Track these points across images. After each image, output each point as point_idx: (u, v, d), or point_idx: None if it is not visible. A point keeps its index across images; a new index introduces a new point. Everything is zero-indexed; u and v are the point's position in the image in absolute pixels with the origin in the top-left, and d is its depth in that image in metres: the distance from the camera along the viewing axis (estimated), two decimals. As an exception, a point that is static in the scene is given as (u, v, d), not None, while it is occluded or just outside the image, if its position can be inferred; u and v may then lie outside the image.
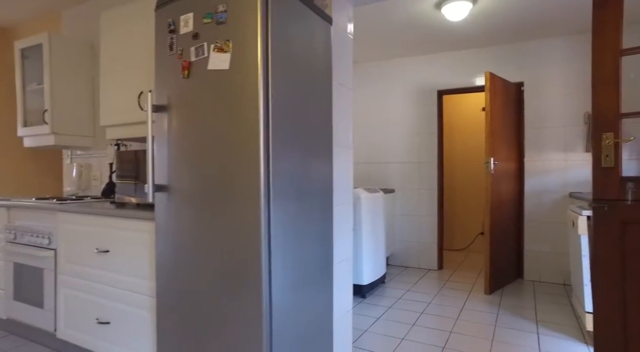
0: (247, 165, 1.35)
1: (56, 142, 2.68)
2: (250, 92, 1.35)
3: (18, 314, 2.31)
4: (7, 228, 2.37)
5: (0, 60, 3.50)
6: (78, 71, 2.80)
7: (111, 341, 1.88)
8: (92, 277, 1.96)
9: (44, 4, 2.98)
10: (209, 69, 1.44)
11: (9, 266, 2.36)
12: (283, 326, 1.42)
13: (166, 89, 1.58)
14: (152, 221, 1.71)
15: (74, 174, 2.92)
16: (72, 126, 2.75)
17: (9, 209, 2.41)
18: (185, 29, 1.52)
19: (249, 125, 1.35)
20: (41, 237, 2.18)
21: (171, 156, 1.55)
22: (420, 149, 4.26)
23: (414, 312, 2.82)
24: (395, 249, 4.36)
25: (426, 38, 3.69)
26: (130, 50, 2.18)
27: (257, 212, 1.33)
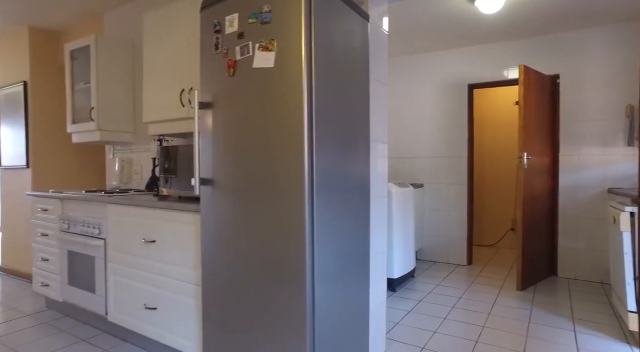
0: (292, 160, 1.41)
1: (101, 139, 2.83)
2: (294, 89, 1.40)
3: (72, 298, 2.48)
4: (62, 219, 2.54)
5: (52, 62, 3.70)
6: (120, 71, 2.94)
7: (158, 326, 2.00)
8: (139, 265, 2.08)
9: (88, 7, 3.13)
10: (255, 67, 1.51)
11: (64, 254, 2.52)
12: (324, 316, 1.47)
13: (211, 87, 1.65)
14: (196, 213, 1.80)
15: (117, 169, 3.08)
16: (115, 123, 2.90)
17: (63, 201, 2.57)
18: (230, 29, 1.59)
19: (294, 121, 1.40)
20: (92, 228, 2.33)
21: (216, 151, 1.63)
22: (450, 144, 4.22)
23: (445, 307, 2.83)
24: (424, 244, 4.36)
25: (458, 32, 3.64)
26: (172, 50, 2.28)
27: (301, 206, 1.39)
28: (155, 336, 2.02)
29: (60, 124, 3.75)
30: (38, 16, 3.31)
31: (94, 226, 2.32)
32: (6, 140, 3.83)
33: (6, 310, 2.83)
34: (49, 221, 2.68)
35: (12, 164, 3.76)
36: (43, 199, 2.72)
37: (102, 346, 2.23)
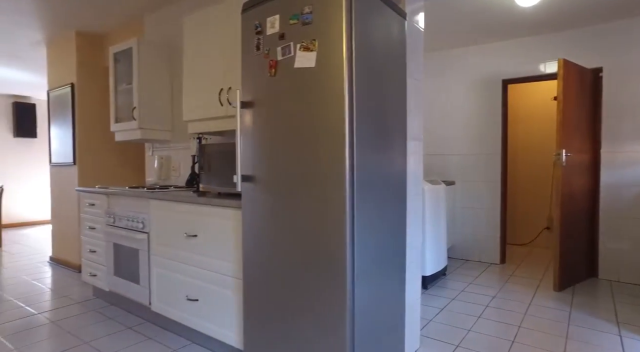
0: (333, 158, 1.44)
1: (142, 136, 2.96)
2: (335, 88, 1.43)
3: (118, 288, 2.62)
4: (107, 213, 2.68)
5: (96, 64, 3.88)
6: (159, 71, 3.06)
7: (200, 316, 2.09)
8: (181, 258, 2.18)
9: (129, 12, 3.26)
10: (296, 67, 1.54)
11: (110, 246, 2.67)
12: (363, 310, 1.50)
13: (252, 86, 1.70)
14: (237, 209, 1.86)
15: (155, 165, 3.21)
16: (155, 121, 3.02)
17: (108, 197, 2.72)
18: (271, 30, 1.63)
19: (335, 119, 1.43)
20: (136, 222, 2.45)
21: (257, 149, 1.68)
22: (482, 140, 4.14)
23: (479, 305, 2.80)
24: (455, 241, 4.30)
25: (492, 26, 3.56)
26: (211, 51, 2.36)
27: (342, 203, 1.42)
28: (197, 326, 2.11)
29: (102, 123, 3.94)
30: (84, 21, 3.48)
31: (138, 220, 2.44)
32: (55, 139, 4.06)
33: (59, 297, 3.02)
34: (95, 215, 2.83)
35: (61, 161, 3.98)
36: (90, 194, 2.88)
37: (146, 333, 2.35)
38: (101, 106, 3.93)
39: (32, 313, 2.70)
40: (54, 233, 4.17)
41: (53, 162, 4.12)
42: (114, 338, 2.29)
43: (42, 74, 5.22)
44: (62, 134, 3.95)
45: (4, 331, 2.42)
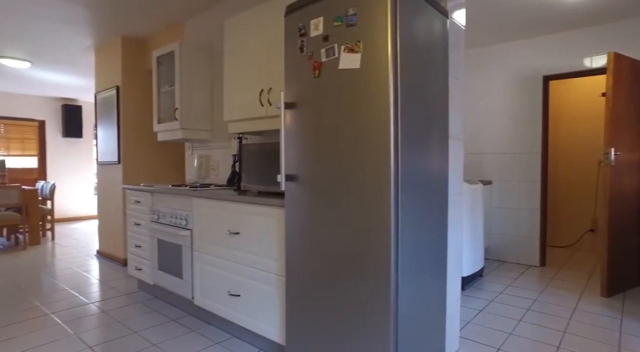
0: (378, 158, 1.45)
1: (184, 136, 3.07)
2: (380, 89, 1.44)
3: (161, 282, 2.75)
4: (152, 210, 2.81)
5: (139, 67, 4.06)
6: (200, 73, 3.16)
7: (241, 311, 2.16)
8: (223, 255, 2.25)
9: (171, 16, 3.39)
10: (340, 68, 1.56)
11: (154, 242, 2.80)
12: (406, 311, 1.51)
13: (295, 87, 1.74)
14: (279, 207, 1.91)
15: (195, 164, 3.32)
16: (195, 122, 3.13)
17: (153, 194, 2.84)
18: (315, 32, 1.66)
19: (379, 120, 1.44)
20: (179, 219, 2.55)
21: (300, 148, 1.72)
22: (521, 139, 4.01)
23: (519, 308, 2.73)
24: (492, 242, 4.20)
25: (533, 20, 3.44)
26: (251, 53, 2.41)
27: (387, 202, 1.43)
28: (238, 321, 2.17)
29: (145, 123, 4.12)
30: (129, 28, 3.64)
31: (181, 217, 2.54)
32: (101, 139, 4.28)
33: (107, 288, 3.20)
34: (140, 211, 2.97)
35: (106, 159, 4.20)
36: (136, 192, 3.02)
37: (190, 326, 2.45)
38: (144, 107, 4.11)
39: (85, 302, 2.87)
40: (100, 228, 4.40)
41: (99, 161, 4.34)
42: (160, 329, 2.40)
43: (89, 77, 5.50)
44: (107, 134, 4.15)
45: (64, 317, 2.59)
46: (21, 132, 6.93)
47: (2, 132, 6.73)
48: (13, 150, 6.85)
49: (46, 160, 7.13)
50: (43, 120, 7.10)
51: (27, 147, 7.00)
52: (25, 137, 6.98)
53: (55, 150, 7.20)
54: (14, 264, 4.07)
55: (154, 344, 2.21)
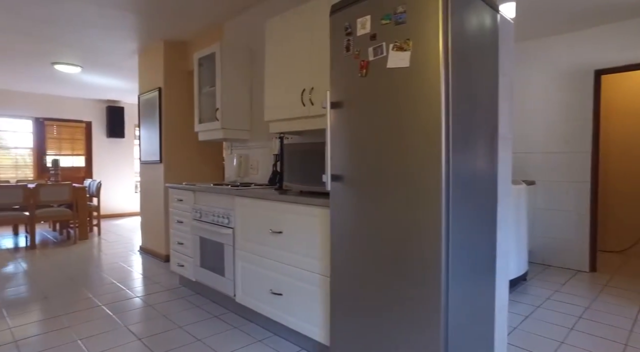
0: (428, 158, 1.41)
1: (224, 136, 3.13)
2: (431, 87, 1.40)
3: (203, 279, 2.82)
4: (194, 208, 2.88)
5: (180, 69, 4.18)
6: (240, 74, 3.21)
7: (284, 310, 2.17)
8: (266, 253, 2.28)
9: (211, 19, 3.47)
10: (389, 67, 1.54)
11: (196, 239, 2.87)
12: (456, 316, 1.46)
13: (341, 87, 1.73)
14: (324, 207, 1.91)
15: (235, 164, 3.38)
16: (235, 122, 3.19)
17: (195, 193, 2.92)
18: (362, 31, 1.64)
19: (430, 120, 1.41)
20: (221, 217, 2.61)
21: (346, 148, 1.70)
22: (568, 137, 3.81)
23: (570, 316, 2.59)
24: (535, 245, 4.02)
25: (584, 11, 3.25)
26: (293, 52, 2.42)
27: (437, 204, 1.39)
28: (280, 319, 2.19)
29: (185, 124, 4.24)
30: (170, 31, 3.76)
31: (223, 216, 2.59)
32: (144, 139, 4.45)
33: (151, 283, 3.33)
34: (183, 209, 3.06)
35: (148, 159, 4.36)
36: (179, 190, 3.11)
37: (231, 323, 2.50)
38: (184, 108, 4.24)
39: (132, 296, 2.99)
40: (143, 225, 4.58)
41: (142, 160, 4.52)
42: (202, 325, 2.46)
43: (132, 80, 5.74)
44: (150, 134, 4.31)
45: (113, 309, 2.72)
46: (71, 133, 7.33)
47: (55, 134, 7.15)
48: (64, 150, 7.27)
49: (92, 159, 7.50)
50: (90, 122, 7.47)
51: (76, 147, 7.40)
52: (75, 137, 7.38)
53: (100, 150, 7.57)
54: (66, 257, 4.32)
55: (199, 339, 2.27)
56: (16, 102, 6.68)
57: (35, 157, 6.95)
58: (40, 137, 6.97)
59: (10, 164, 6.77)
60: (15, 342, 2.24)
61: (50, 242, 5.17)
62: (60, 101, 7.11)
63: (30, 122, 6.90)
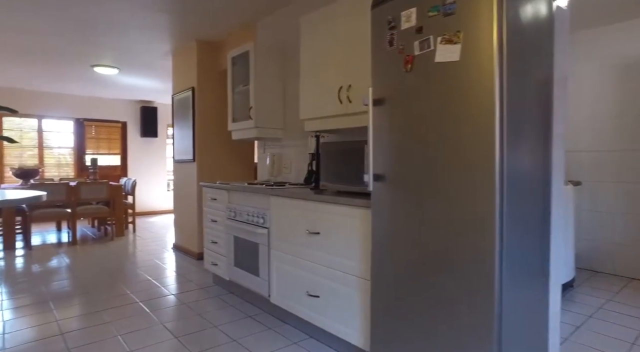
0: (480, 157, 1.32)
1: (258, 135, 3.12)
2: (484, 82, 1.31)
3: (237, 278, 2.81)
4: (228, 207, 2.88)
5: (212, 69, 4.22)
6: (273, 72, 3.19)
7: (320, 313, 2.13)
8: (302, 254, 2.23)
9: (244, 18, 3.47)
10: (436, 61, 1.45)
11: (230, 239, 2.87)
12: (510, 321, 1.36)
13: (384, 83, 1.65)
14: (364, 208, 1.84)
15: (268, 163, 3.37)
16: (269, 120, 3.17)
17: (229, 192, 2.92)
18: (407, 24, 1.56)
19: (483, 117, 1.32)
20: (256, 217, 2.59)
21: (389, 147, 1.63)
22: (620, 135, 3.56)
23: (629, 329, 2.41)
24: (581, 249, 3.79)
25: (642, -2, 3.02)
26: (329, 49, 2.37)
27: (491, 205, 1.30)
28: (317, 322, 2.15)
29: (217, 123, 4.28)
30: (203, 30, 3.80)
31: (258, 215, 2.57)
32: (178, 138, 4.52)
33: (185, 281, 3.37)
34: (217, 208, 3.07)
35: (182, 158, 4.43)
36: (213, 189, 3.13)
37: (266, 323, 2.47)
38: (217, 107, 4.27)
39: (166, 293, 3.03)
40: (176, 223, 4.66)
41: (175, 159, 4.60)
42: (237, 325, 2.45)
43: (165, 80, 5.86)
44: (183, 133, 4.38)
45: (150, 306, 2.76)
46: (108, 132, 7.60)
47: (93, 134, 7.43)
48: (101, 149, 7.54)
49: (127, 158, 7.74)
50: (125, 122, 7.71)
51: (112, 146, 7.66)
52: (111, 137, 7.64)
53: (134, 149, 7.80)
54: (104, 253, 4.45)
55: (234, 339, 2.26)
56: (59, 104, 6.98)
57: (76, 156, 7.25)
58: (80, 137, 7.25)
59: (53, 163, 7.08)
60: (62, 335, 2.31)
61: (90, 238, 5.36)
62: (98, 102, 7.37)
63: (71, 123, 7.20)
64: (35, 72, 5.40)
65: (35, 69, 5.23)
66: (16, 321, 2.53)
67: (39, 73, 5.45)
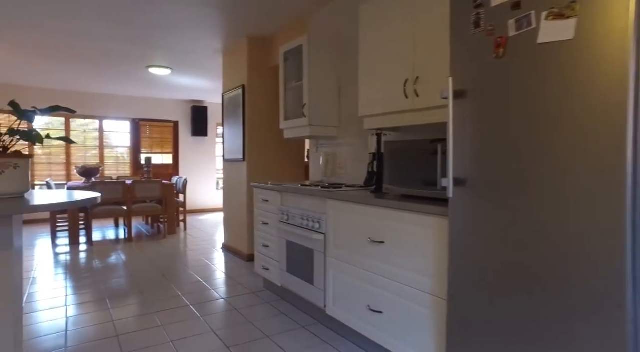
0: (602, 156, 1.05)
1: (311, 133, 2.96)
2: (612, 67, 1.04)
3: (290, 285, 2.67)
4: (281, 210, 2.75)
5: (263, 65, 4.13)
6: (327, 66, 3.01)
7: (383, 330, 1.92)
8: (363, 265, 2.04)
9: (296, 11, 3.32)
10: (540, 42, 1.19)
11: (282, 243, 2.74)
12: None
13: (466, 72, 1.41)
14: (438, 216, 1.61)
15: (321, 162, 3.20)
16: (323, 118, 3.00)
17: (282, 193, 2.79)
18: (498, 0, 1.31)
19: (609, 106, 1.04)
20: (312, 221, 2.42)
21: (473, 147, 1.39)
22: None
23: None
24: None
25: None
26: (392, 39, 2.14)
27: (619, 212, 1.02)
28: (379, 340, 1.94)
29: (268, 121, 4.19)
30: (254, 26, 3.70)
31: (314, 220, 2.40)
32: (228, 137, 4.50)
33: (235, 284, 3.29)
34: (268, 210, 2.95)
35: (232, 157, 4.39)
36: (264, 190, 3.01)
37: (321, 336, 2.30)
38: (267, 105, 4.18)
39: (217, 297, 2.96)
40: (226, 223, 4.64)
41: (225, 158, 4.57)
42: (290, 336, 2.31)
43: (215, 80, 5.90)
44: (233, 132, 4.33)
45: (201, 310, 2.70)
46: (161, 132, 7.85)
47: (147, 133, 7.72)
48: (155, 149, 7.81)
49: (179, 157, 7.96)
50: (177, 121, 7.93)
51: (165, 145, 7.91)
52: (164, 136, 7.89)
53: (185, 148, 8.00)
54: (157, 251, 4.53)
55: (288, 352, 2.12)
56: (118, 105, 7.30)
57: (132, 155, 7.55)
58: (136, 136, 7.55)
59: (112, 162, 7.43)
60: (117, 337, 2.29)
61: (144, 236, 5.52)
62: (152, 103, 7.63)
63: (128, 123, 7.51)
64: (98, 74, 5.64)
65: (98, 71, 5.46)
66: (78, 318, 2.56)
67: (101, 75, 5.68)
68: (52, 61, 4.92)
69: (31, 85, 6.51)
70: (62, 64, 5.04)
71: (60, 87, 6.62)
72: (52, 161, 6.91)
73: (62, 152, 6.97)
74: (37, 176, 6.76)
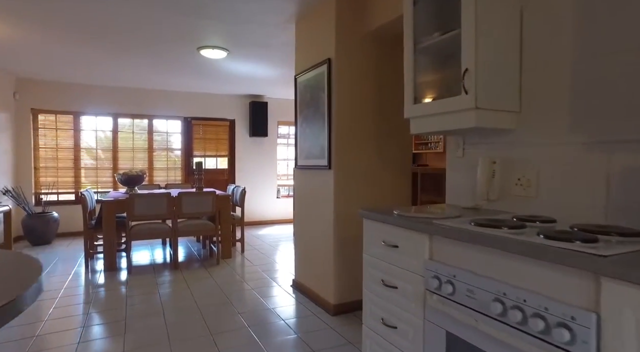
0: None
1: (478, 123, 1.64)
2: None
3: None
4: (430, 270, 1.40)
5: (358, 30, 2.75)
6: (500, 14, 1.64)
7: None
8: None
9: None
10: None
11: (437, 333, 1.39)
12: None
13: None
14: None
15: (479, 174, 1.85)
16: (494, 97, 1.63)
17: (432, 237, 1.45)
18: None
19: None
20: (540, 319, 1.05)
21: None
22: None
23: None
24: None
25: None
26: None
27: None
28: None
29: (364, 111, 2.89)
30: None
31: (559, 322, 1.04)
32: (303, 134, 3.22)
33: None
34: (399, 264, 1.62)
35: (309, 163, 3.13)
36: (385, 225, 1.69)
37: None
38: (365, 87, 2.89)
39: None
40: (299, 254, 3.39)
41: (299, 165, 3.34)
42: None
43: (278, 64, 4.72)
44: (311, 128, 3.08)
45: None
46: (215, 132, 6.87)
47: (200, 134, 6.76)
48: (208, 151, 6.83)
49: (235, 160, 6.93)
50: (233, 120, 6.91)
51: (220, 147, 6.92)
52: (219, 137, 6.90)
53: (242, 150, 6.97)
54: (206, 287, 3.40)
55: None
56: (167, 102, 6.42)
57: (183, 158, 6.64)
58: (188, 137, 6.62)
59: (162, 167, 6.56)
60: None
61: (194, 259, 4.46)
62: (205, 98, 6.67)
63: (179, 123, 6.60)
64: (145, 64, 4.71)
65: (144, 60, 4.53)
66: None
67: (149, 64, 4.75)
68: (102, 52, 4.08)
69: (79, 83, 5.79)
70: (108, 54, 4.15)
71: (110, 83, 5.86)
72: (99, 166, 6.16)
73: (108, 156, 6.20)
74: (82, 183, 6.04)
